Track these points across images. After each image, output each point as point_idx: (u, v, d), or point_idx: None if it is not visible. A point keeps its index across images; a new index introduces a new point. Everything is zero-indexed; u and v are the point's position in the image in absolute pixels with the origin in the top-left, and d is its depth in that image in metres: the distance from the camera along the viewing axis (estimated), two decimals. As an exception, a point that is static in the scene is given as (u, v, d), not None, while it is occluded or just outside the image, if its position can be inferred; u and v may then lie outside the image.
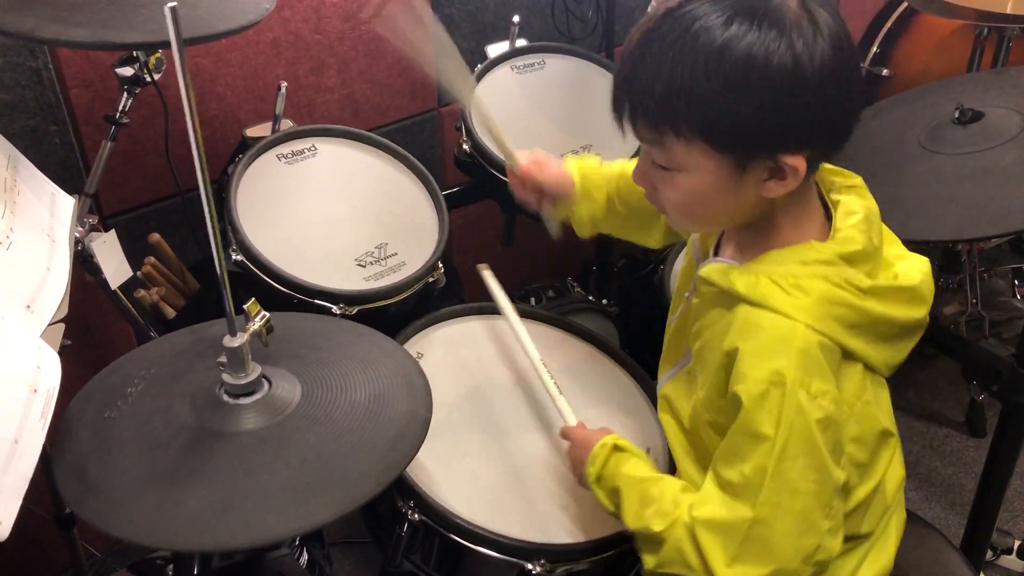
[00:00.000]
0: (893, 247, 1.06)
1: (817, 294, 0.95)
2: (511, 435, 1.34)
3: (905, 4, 2.45)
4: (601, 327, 1.95)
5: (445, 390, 1.38)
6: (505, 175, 1.70)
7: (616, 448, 1.15)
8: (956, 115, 1.49)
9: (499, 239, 2.03)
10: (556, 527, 1.22)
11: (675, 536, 1.02)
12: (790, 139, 0.92)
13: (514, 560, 1.18)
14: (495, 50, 1.90)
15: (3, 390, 0.84)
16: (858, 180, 1.05)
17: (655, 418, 1.42)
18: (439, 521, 1.20)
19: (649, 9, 2.03)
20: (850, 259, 0.97)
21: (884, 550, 1.12)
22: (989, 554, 1.84)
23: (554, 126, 1.86)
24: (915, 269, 1.02)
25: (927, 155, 1.48)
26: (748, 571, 0.96)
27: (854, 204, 1.01)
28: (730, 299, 0.99)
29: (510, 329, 1.43)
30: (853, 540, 1.08)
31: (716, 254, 1.10)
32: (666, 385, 1.19)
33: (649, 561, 1.07)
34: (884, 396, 1.05)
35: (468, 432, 1.34)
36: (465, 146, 1.75)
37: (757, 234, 1.03)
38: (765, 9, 0.89)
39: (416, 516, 1.21)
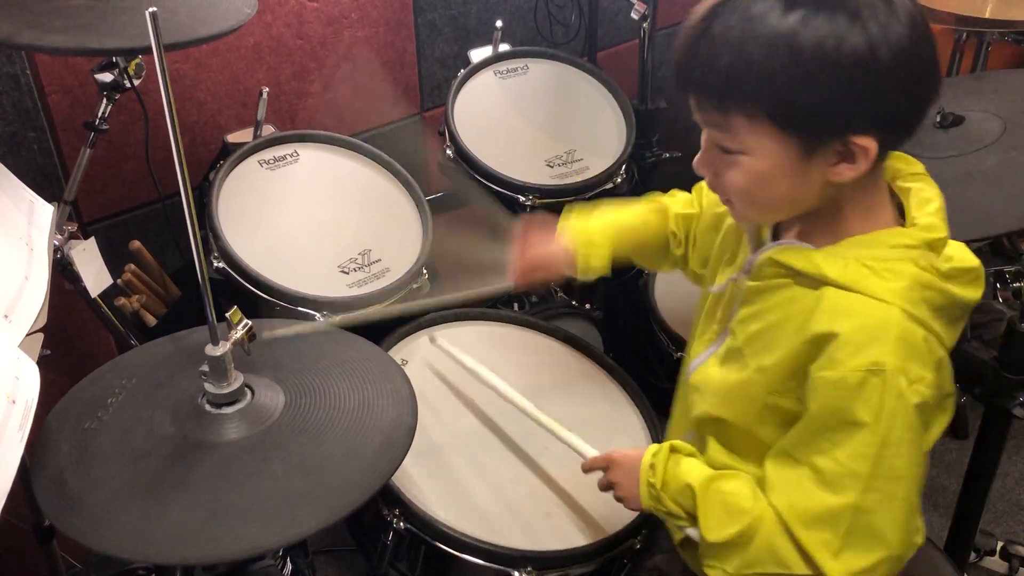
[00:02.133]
0: None
1: (910, 277, 0.94)
2: (496, 441, 1.33)
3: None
4: (584, 332, 1.95)
5: (430, 397, 1.37)
6: (490, 181, 1.70)
7: (673, 449, 1.09)
8: (937, 119, 1.49)
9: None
10: (542, 534, 1.22)
11: (765, 533, 0.98)
12: (861, 121, 0.90)
13: (500, 568, 1.17)
14: (478, 55, 1.90)
15: (-20, 402, 0.83)
16: (920, 167, 1.04)
17: (640, 422, 1.42)
18: (425, 529, 1.19)
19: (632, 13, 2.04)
20: (933, 246, 0.96)
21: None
22: (972, 555, 1.85)
23: (537, 131, 1.85)
24: (965, 252, 1.01)
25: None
26: (858, 561, 0.94)
27: (928, 192, 1.01)
28: (810, 282, 0.97)
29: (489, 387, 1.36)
30: None
31: (775, 238, 1.07)
32: (700, 369, 1.13)
33: (730, 566, 1.01)
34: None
35: (453, 439, 1.33)
36: (448, 151, 1.74)
37: (825, 223, 1.00)
38: None
39: (401, 524, 1.20)
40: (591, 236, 1.31)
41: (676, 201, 1.29)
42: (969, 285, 1.00)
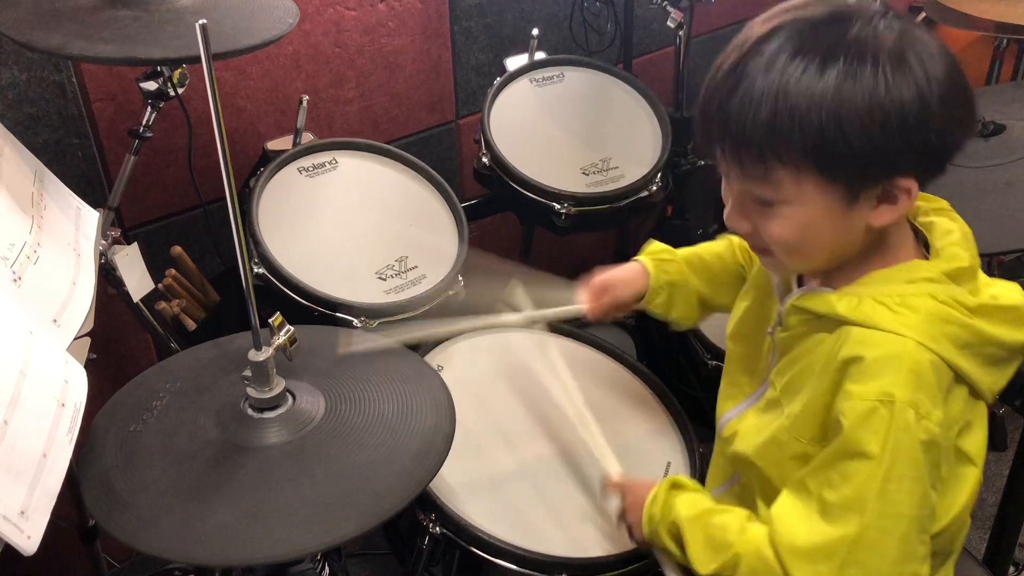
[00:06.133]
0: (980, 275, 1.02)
1: (926, 312, 0.92)
2: (532, 448, 1.34)
3: (923, 15, 2.45)
4: (618, 339, 1.95)
5: (466, 403, 1.38)
6: (525, 188, 1.71)
7: (675, 485, 1.10)
8: (978, 128, 1.48)
9: (517, 251, 2.03)
10: (578, 541, 1.22)
11: (746, 566, 0.98)
12: (906, 162, 0.90)
13: (535, 574, 1.17)
14: (514, 63, 1.91)
15: (32, 405, 0.84)
16: (944, 204, 1.04)
17: (675, 430, 1.42)
18: (460, 534, 1.20)
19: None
20: (955, 276, 0.95)
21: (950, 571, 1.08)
22: (1012, 569, 1.83)
23: (573, 139, 1.86)
24: (1012, 291, 0.99)
25: (948, 168, 1.47)
26: None
27: (948, 224, 1.00)
28: (831, 324, 0.97)
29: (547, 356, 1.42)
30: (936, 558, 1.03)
31: (800, 285, 1.07)
32: (733, 421, 1.13)
33: None
34: (982, 424, 1.00)
35: (489, 445, 1.34)
36: (484, 158, 1.75)
37: (846, 264, 1.00)
38: (863, 44, 0.87)
39: (437, 529, 1.21)
40: (665, 252, 1.32)
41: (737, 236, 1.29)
42: (1010, 324, 0.96)
